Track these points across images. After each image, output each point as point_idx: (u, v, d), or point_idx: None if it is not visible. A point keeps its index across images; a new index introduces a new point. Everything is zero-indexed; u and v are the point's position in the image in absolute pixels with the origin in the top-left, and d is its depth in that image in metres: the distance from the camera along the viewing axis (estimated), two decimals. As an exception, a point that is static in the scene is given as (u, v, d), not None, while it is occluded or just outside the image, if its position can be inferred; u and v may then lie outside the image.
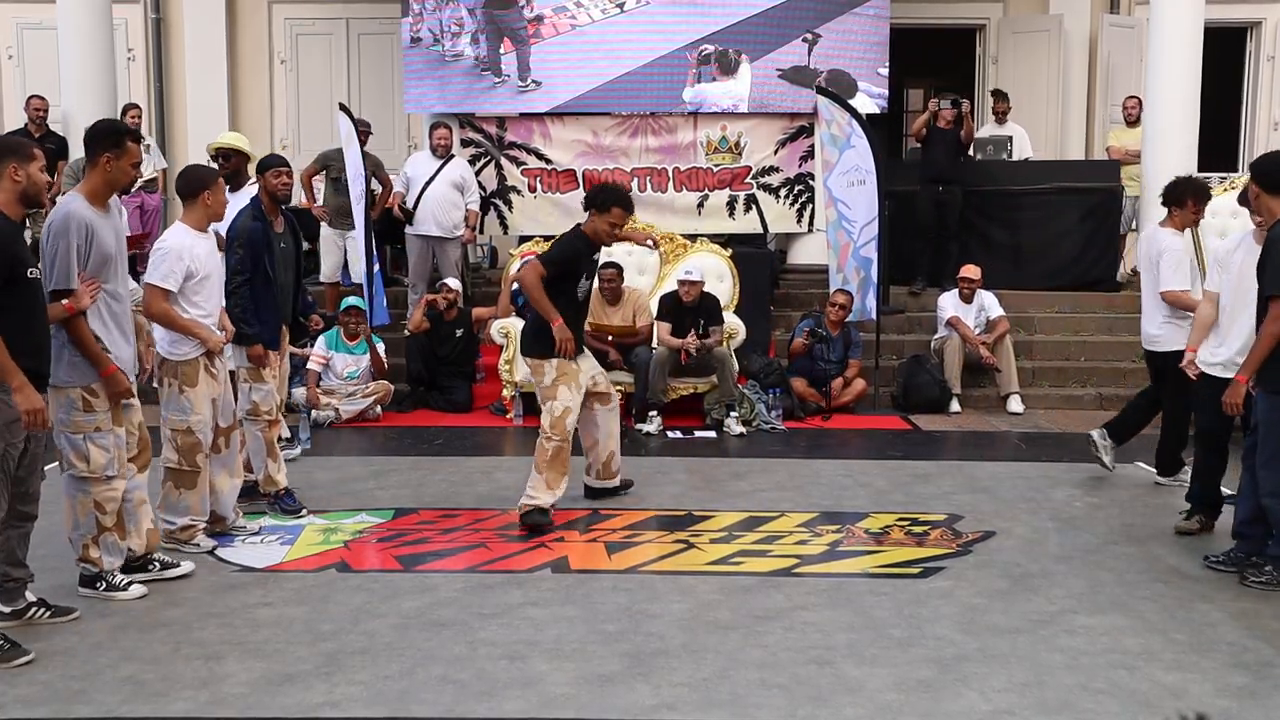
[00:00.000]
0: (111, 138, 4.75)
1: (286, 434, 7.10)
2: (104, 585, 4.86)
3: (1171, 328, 6.51)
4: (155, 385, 5.64)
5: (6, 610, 4.56)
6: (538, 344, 6.08)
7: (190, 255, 5.38)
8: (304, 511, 6.14)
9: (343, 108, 10.02)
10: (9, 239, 4.28)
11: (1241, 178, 7.53)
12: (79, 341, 4.64)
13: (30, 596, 4.63)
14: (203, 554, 5.47)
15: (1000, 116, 11.68)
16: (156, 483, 5.49)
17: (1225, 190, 9.00)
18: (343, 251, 10.20)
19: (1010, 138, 11.47)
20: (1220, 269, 5.78)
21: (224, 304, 5.75)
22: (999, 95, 11.74)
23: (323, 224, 10.10)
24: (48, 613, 4.63)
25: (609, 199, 6.05)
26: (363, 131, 9.84)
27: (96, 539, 4.83)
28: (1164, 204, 6.66)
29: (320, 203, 10.21)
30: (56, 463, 4.89)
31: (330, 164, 10.15)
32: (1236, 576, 5.22)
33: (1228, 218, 8.54)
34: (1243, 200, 6.00)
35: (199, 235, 5.49)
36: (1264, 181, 5.19)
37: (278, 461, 6.18)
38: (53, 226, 4.64)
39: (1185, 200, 6.51)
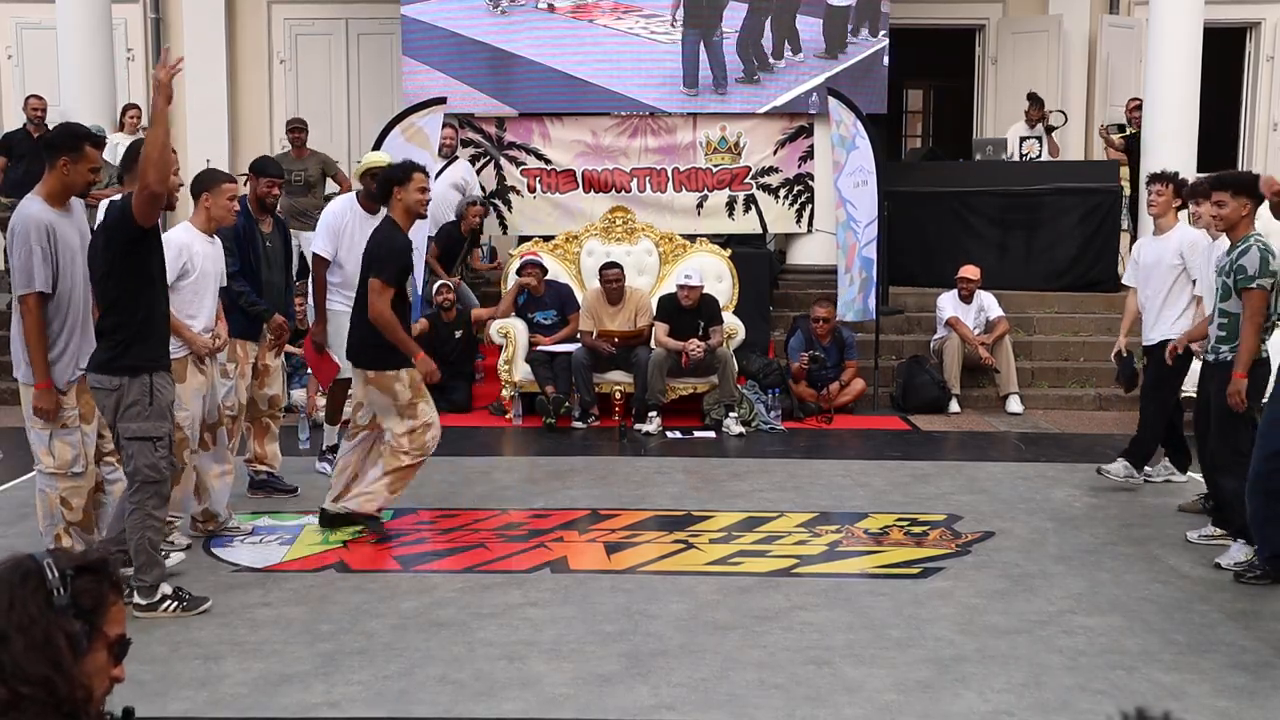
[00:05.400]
0: (69, 141, 4.70)
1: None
2: None
3: None
4: None
5: (143, 603, 4.64)
6: (393, 354, 5.55)
7: (188, 253, 5.43)
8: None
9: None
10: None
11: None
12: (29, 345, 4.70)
13: (166, 589, 4.72)
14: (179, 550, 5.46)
15: (1033, 124, 11.62)
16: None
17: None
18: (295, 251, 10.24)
19: (1040, 138, 11.47)
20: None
21: (218, 306, 5.70)
22: (1034, 99, 11.65)
23: None
24: (180, 605, 4.70)
25: (407, 168, 5.69)
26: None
27: (67, 529, 4.88)
28: None
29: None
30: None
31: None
32: (1242, 577, 5.22)
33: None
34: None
35: (201, 236, 5.53)
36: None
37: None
38: (15, 231, 4.65)
39: None
